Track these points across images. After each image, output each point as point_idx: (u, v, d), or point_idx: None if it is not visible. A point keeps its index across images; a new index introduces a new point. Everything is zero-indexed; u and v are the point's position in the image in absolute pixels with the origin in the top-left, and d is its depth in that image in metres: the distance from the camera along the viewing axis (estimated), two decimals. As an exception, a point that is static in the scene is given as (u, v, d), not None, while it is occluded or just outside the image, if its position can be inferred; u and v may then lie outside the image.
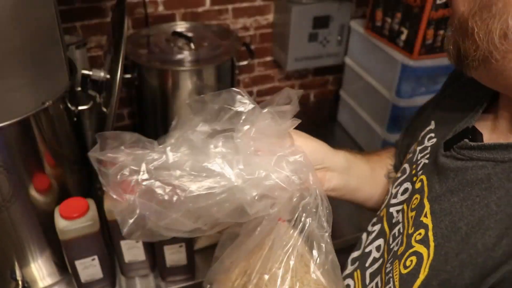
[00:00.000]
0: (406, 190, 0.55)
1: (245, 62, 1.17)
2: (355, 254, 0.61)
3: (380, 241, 0.56)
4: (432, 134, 0.54)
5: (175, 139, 0.46)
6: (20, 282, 0.86)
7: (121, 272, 0.96)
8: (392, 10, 1.16)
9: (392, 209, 0.56)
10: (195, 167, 0.43)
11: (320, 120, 1.55)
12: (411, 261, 0.46)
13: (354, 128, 1.46)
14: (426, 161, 0.52)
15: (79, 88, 0.84)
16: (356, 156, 0.64)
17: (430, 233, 0.45)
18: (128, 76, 1.12)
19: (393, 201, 0.57)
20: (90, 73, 0.82)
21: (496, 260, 0.37)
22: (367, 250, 0.58)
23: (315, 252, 0.47)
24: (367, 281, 0.55)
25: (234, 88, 0.45)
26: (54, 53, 0.77)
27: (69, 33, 1.22)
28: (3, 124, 0.70)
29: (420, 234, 0.46)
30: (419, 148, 0.56)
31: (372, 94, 1.29)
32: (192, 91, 1.10)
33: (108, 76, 0.82)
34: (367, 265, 0.57)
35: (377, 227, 0.58)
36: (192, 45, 1.11)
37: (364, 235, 0.61)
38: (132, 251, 0.91)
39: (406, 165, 0.58)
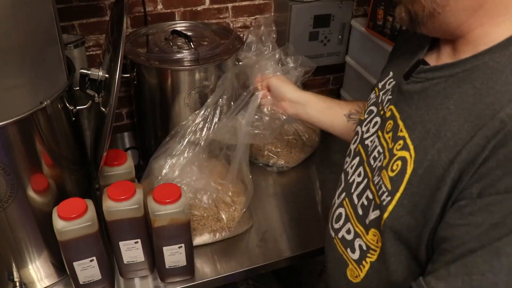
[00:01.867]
0: (376, 123, 0.67)
1: (245, 61, 1.16)
2: (339, 189, 0.73)
3: (361, 168, 0.67)
4: (391, 80, 0.67)
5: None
6: (17, 284, 0.86)
7: (119, 273, 0.95)
8: (393, 8, 1.15)
9: (367, 141, 0.68)
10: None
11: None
12: (397, 165, 0.56)
13: (354, 128, 1.45)
14: (390, 97, 0.65)
15: (78, 88, 0.83)
16: (319, 97, 0.92)
17: (408, 140, 0.56)
18: (127, 75, 1.12)
19: (366, 135, 0.69)
20: (89, 72, 0.81)
21: (463, 139, 0.48)
22: (350, 180, 0.69)
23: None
24: (356, 201, 0.66)
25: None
26: (52, 52, 0.76)
27: (67, 31, 1.21)
28: (0, 124, 0.69)
29: (400, 144, 0.57)
30: (381, 92, 0.69)
31: (373, 93, 1.28)
32: (191, 90, 1.09)
33: (106, 75, 0.82)
34: (352, 190, 0.68)
35: (356, 160, 0.70)
36: (192, 44, 1.10)
37: (343, 175, 0.73)
38: (131, 252, 0.90)
39: (372, 107, 0.71)
